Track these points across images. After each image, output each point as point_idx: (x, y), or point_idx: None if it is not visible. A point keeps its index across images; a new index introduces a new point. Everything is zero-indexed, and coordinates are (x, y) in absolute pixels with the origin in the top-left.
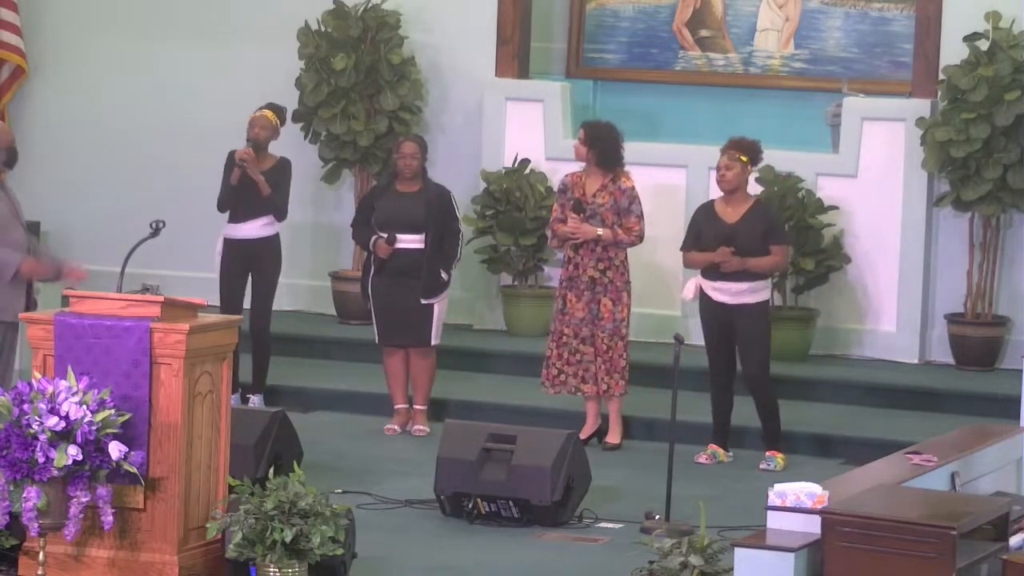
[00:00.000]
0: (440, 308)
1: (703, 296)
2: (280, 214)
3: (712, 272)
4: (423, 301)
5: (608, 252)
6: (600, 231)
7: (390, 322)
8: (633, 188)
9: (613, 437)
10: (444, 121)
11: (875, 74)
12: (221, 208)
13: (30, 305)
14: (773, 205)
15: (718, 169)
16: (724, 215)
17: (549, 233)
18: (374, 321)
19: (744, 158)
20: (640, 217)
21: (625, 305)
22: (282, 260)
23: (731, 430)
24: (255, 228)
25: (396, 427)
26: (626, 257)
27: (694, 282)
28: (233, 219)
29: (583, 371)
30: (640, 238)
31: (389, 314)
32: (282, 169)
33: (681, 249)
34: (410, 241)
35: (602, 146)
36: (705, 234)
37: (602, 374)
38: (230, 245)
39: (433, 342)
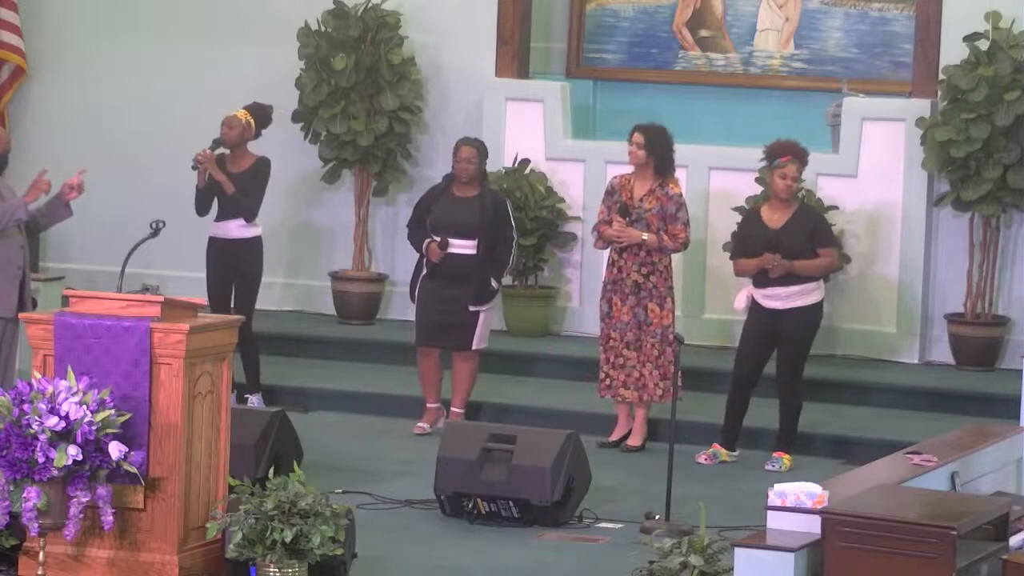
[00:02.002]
0: (487, 314)
1: (754, 304)
2: (247, 215)
3: (762, 279)
4: (472, 308)
5: (652, 256)
6: (644, 236)
7: (431, 324)
8: (681, 195)
9: (635, 440)
10: (444, 121)
11: (875, 74)
12: (197, 211)
13: (25, 303)
14: (818, 210)
15: (784, 176)
16: (769, 221)
17: (594, 235)
18: (415, 321)
19: (801, 168)
20: (686, 224)
21: (669, 310)
22: (263, 261)
23: (741, 432)
24: (233, 228)
25: (425, 426)
26: (670, 262)
27: (746, 292)
28: (217, 218)
29: (626, 376)
30: (685, 245)
31: (432, 316)
32: (258, 169)
33: (731, 258)
34: (463, 246)
35: (662, 152)
36: (750, 241)
37: (656, 379)
38: (212, 244)
39: (475, 347)
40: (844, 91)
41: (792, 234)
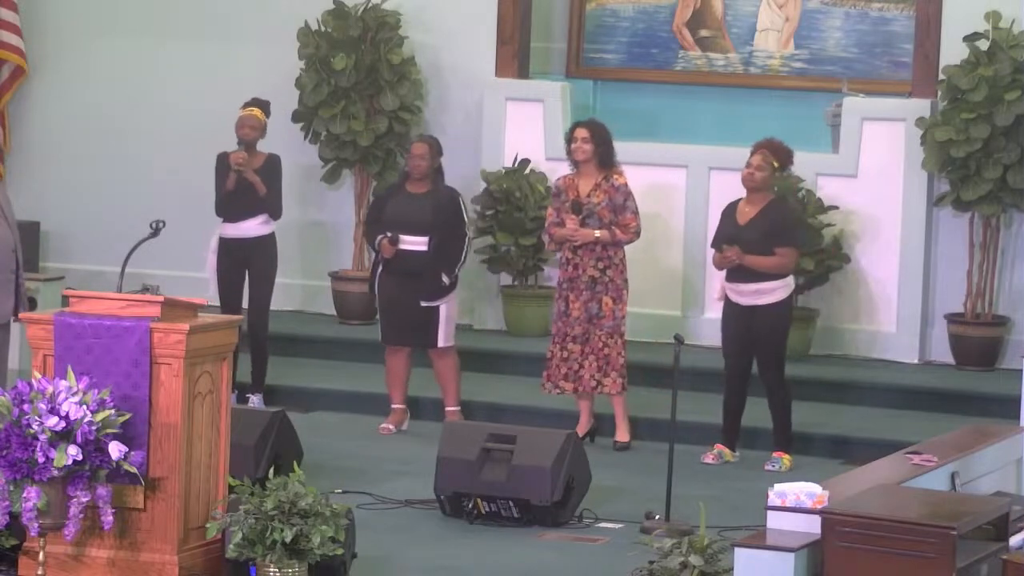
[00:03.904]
0: (447, 310)
1: (726, 298)
2: (276, 213)
3: (730, 273)
4: (423, 303)
5: (608, 251)
6: (598, 233)
7: (393, 322)
8: (626, 184)
9: (622, 436)
10: (444, 121)
11: (875, 74)
12: (219, 212)
13: (19, 307)
14: (788, 206)
15: (748, 165)
16: (740, 214)
17: (546, 238)
18: (380, 320)
19: (776, 163)
20: (635, 213)
21: (624, 304)
22: (278, 259)
23: (740, 431)
24: (251, 227)
25: (391, 426)
26: (624, 255)
27: (720, 284)
28: (229, 218)
29: (567, 368)
30: (637, 234)
31: (393, 314)
32: (272, 166)
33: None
34: (415, 243)
35: (605, 146)
36: (720, 234)
37: (593, 371)
38: (225, 244)
39: (440, 344)
40: (844, 91)
41: (752, 230)
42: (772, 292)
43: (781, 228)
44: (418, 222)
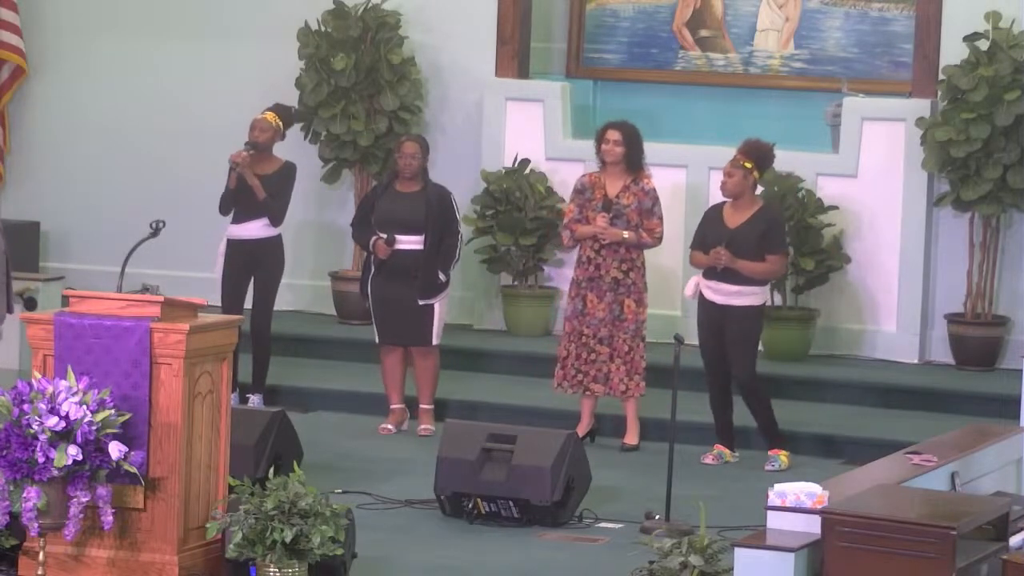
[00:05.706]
0: (440, 308)
1: (700, 295)
2: (275, 220)
3: (709, 271)
4: (420, 302)
5: (631, 253)
6: (626, 234)
7: (388, 322)
8: (655, 189)
9: (632, 438)
10: (444, 121)
11: (875, 74)
12: (222, 211)
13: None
14: (778, 213)
15: (724, 173)
16: (728, 219)
17: (567, 233)
18: (373, 320)
19: (748, 164)
20: (661, 219)
21: (645, 307)
22: (284, 261)
23: (735, 430)
24: (256, 228)
25: (391, 427)
26: (644, 258)
27: (695, 280)
28: (235, 219)
29: (596, 371)
30: (660, 240)
31: (388, 314)
32: (285, 174)
33: (690, 247)
34: (409, 242)
35: (636, 149)
36: (708, 236)
37: (622, 375)
38: (232, 245)
39: (434, 342)
40: (844, 91)
41: (745, 236)
42: (750, 296)
43: (772, 235)
44: (412, 221)
